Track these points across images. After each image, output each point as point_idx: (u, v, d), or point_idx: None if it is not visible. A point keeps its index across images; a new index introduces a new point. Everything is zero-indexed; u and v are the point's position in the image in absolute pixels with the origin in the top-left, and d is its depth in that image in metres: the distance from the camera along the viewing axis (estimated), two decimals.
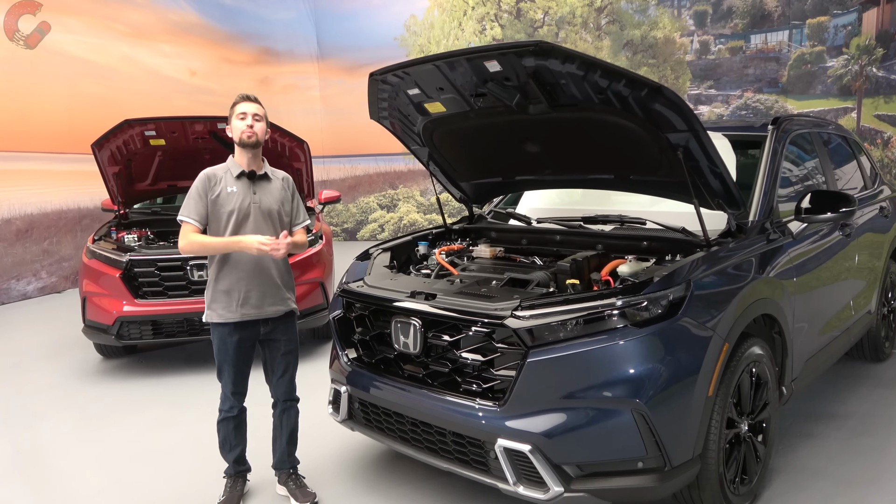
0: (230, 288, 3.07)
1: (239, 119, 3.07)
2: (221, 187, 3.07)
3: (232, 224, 3.06)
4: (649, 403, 2.44)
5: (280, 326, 3.19)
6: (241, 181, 3.10)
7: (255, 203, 3.10)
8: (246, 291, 3.07)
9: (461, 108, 3.25)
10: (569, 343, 2.48)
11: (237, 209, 3.06)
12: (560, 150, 3.39)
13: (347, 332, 3.30)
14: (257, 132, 3.08)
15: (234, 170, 3.11)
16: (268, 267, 3.10)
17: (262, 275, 3.10)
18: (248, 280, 3.07)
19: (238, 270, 3.07)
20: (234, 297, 3.06)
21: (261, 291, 3.09)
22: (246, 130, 3.06)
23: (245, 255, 3.06)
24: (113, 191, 5.84)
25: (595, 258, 3.18)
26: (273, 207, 3.14)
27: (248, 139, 3.06)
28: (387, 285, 3.14)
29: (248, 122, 3.06)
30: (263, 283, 3.10)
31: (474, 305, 2.69)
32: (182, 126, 5.34)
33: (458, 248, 3.85)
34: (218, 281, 3.09)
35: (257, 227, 3.07)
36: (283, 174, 3.28)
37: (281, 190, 3.20)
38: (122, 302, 5.07)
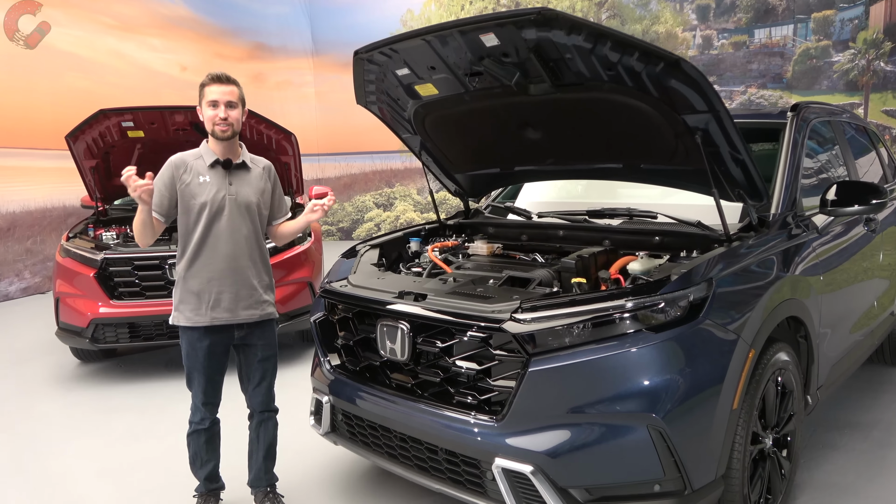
0: (200, 289, 2.77)
1: (209, 107, 2.76)
2: (192, 176, 2.77)
3: (204, 218, 2.75)
4: (667, 418, 2.14)
5: (256, 331, 2.89)
6: (214, 170, 2.80)
7: (231, 196, 2.79)
8: (217, 293, 2.77)
9: (455, 89, 2.95)
10: (575, 350, 2.18)
11: (210, 201, 2.75)
12: (564, 137, 3.09)
13: (330, 337, 3.00)
14: (232, 123, 2.77)
15: (208, 157, 2.81)
16: (243, 266, 2.81)
17: (236, 275, 2.80)
18: (219, 280, 2.77)
19: (209, 269, 2.77)
20: (204, 298, 2.77)
21: (233, 293, 2.79)
22: (219, 123, 2.74)
23: (217, 253, 2.76)
24: (90, 186, 5.54)
25: (602, 255, 2.88)
26: (251, 200, 2.84)
27: (223, 133, 2.75)
28: (373, 285, 2.84)
29: (221, 113, 2.73)
30: (237, 283, 2.80)
31: (468, 307, 2.39)
32: (161, 116, 5.04)
33: (452, 244, 3.55)
34: (186, 280, 2.79)
35: (232, 222, 2.77)
36: (264, 162, 2.97)
37: (260, 180, 2.90)
38: (96, 303, 4.77)
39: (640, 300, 2.21)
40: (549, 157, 3.29)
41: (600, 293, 2.36)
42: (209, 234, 2.75)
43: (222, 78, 2.76)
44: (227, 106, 2.74)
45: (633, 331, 2.19)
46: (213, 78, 2.76)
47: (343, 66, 13.84)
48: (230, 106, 2.75)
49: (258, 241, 2.87)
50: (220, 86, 2.74)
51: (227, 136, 2.75)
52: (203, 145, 2.85)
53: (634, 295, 2.24)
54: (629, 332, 2.19)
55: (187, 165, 2.78)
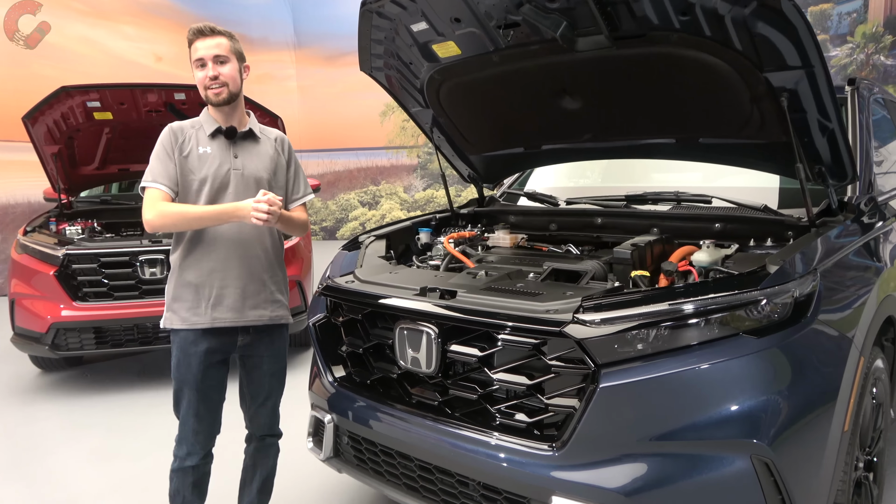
0: (200, 281, 2.27)
1: (197, 68, 2.26)
2: (191, 147, 2.28)
3: (205, 195, 2.27)
4: (775, 445, 1.69)
5: (264, 338, 2.38)
6: (216, 141, 2.31)
7: (237, 169, 2.30)
8: (220, 287, 2.27)
9: (482, 47, 2.48)
10: (658, 360, 1.71)
11: (211, 176, 2.26)
12: (608, 106, 2.63)
13: (333, 343, 2.51)
14: (227, 82, 2.27)
15: (208, 126, 2.32)
16: (252, 256, 2.31)
17: (244, 266, 2.31)
18: (223, 272, 2.28)
19: (212, 257, 2.28)
20: (205, 294, 2.27)
21: (240, 288, 2.29)
22: (210, 85, 2.25)
23: (221, 238, 2.28)
24: (53, 175, 4.97)
25: (658, 244, 2.42)
26: (261, 175, 2.34)
27: (217, 96, 2.26)
28: (386, 280, 2.35)
29: (210, 72, 2.23)
30: (244, 276, 2.30)
31: (515, 306, 1.91)
32: (132, 96, 4.49)
33: (469, 235, 3.07)
34: (183, 271, 2.29)
35: (239, 200, 2.28)
36: (277, 133, 2.48)
37: (273, 154, 2.40)
38: (57, 305, 4.21)
39: (738, 297, 1.75)
40: (586, 132, 2.82)
41: (683, 288, 1.89)
42: None
43: (205, 30, 2.25)
44: (215, 62, 2.24)
45: (729, 335, 1.73)
46: (195, 32, 2.26)
47: (327, 60, 13.32)
48: (220, 61, 2.25)
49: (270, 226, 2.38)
50: (205, 39, 2.24)
51: (224, 100, 2.26)
52: (203, 113, 2.36)
53: (728, 290, 1.78)
54: (725, 336, 1.73)
55: (186, 134, 2.28)
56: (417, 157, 13.42)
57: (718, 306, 1.74)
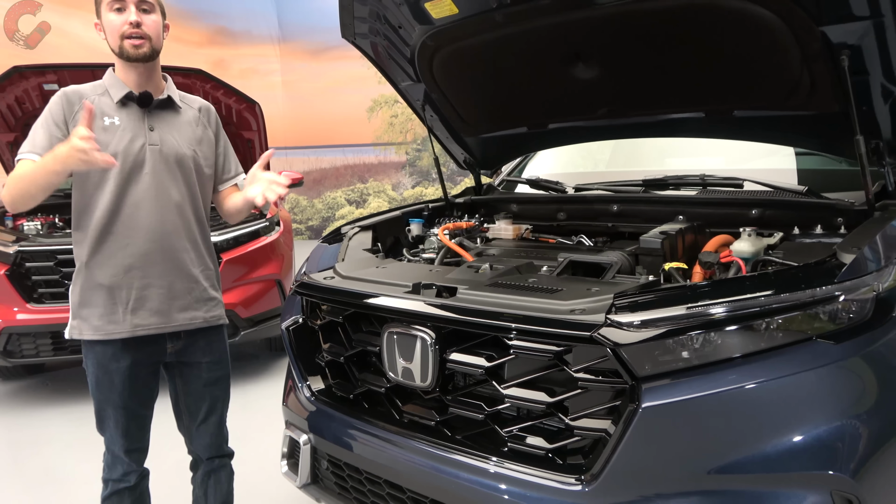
0: (113, 282, 1.89)
1: (113, 11, 1.86)
2: (94, 116, 1.88)
3: (114, 179, 1.88)
4: (859, 477, 1.34)
5: (199, 342, 2.02)
6: (127, 109, 1.92)
7: (154, 145, 1.93)
8: (140, 288, 1.90)
9: (483, 4, 2.12)
10: (712, 374, 1.36)
11: (122, 154, 1.87)
12: (630, 74, 2.27)
13: (310, 351, 2.14)
14: (150, 35, 1.89)
15: (116, 90, 1.93)
16: (177, 248, 1.94)
17: (168, 260, 1.94)
18: (143, 269, 1.90)
19: (129, 252, 1.90)
20: (120, 297, 1.89)
21: (165, 287, 1.92)
22: (129, 33, 1.86)
23: (138, 227, 1.89)
24: (9, 165, 4.55)
25: (689, 233, 2.08)
26: (184, 152, 1.97)
27: (136, 49, 1.87)
28: (372, 276, 1.98)
29: (132, 16, 1.85)
30: (170, 273, 1.93)
31: (531, 305, 1.55)
32: (93, 76, 4.00)
33: (466, 225, 2.72)
34: (92, 270, 1.91)
35: (158, 182, 1.91)
36: (201, 102, 2.11)
37: (197, 126, 2.03)
38: (10, 308, 3.81)
39: (811, 293, 1.40)
40: (601, 107, 2.47)
41: (738, 283, 1.54)
42: (124, 201, 1.89)
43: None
44: (139, 7, 1.86)
45: (800, 341, 1.38)
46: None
47: (312, 54, 12.92)
48: (143, 9, 1.87)
49: (197, 211, 2.02)
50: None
51: (144, 55, 1.88)
52: (108, 75, 1.97)
53: (798, 285, 1.43)
54: (795, 342, 1.38)
55: (86, 100, 1.89)
56: (406, 153, 13.05)
57: (787, 304, 1.39)
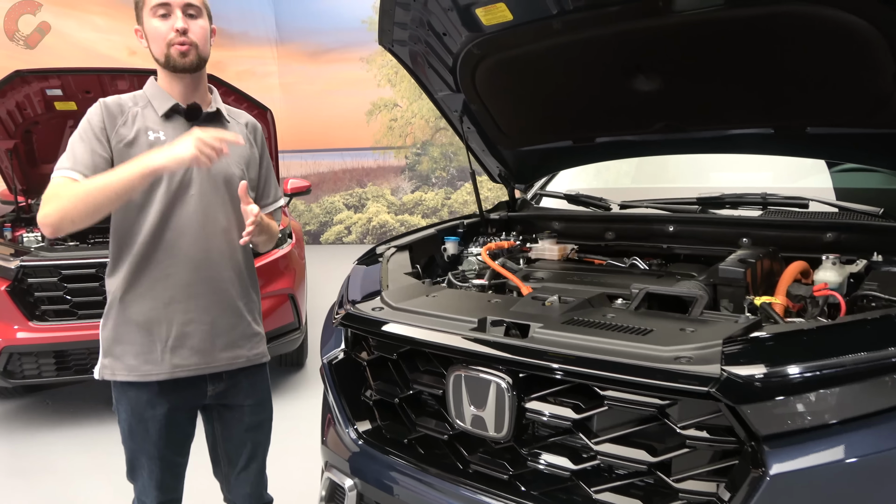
0: (151, 318, 1.71)
1: (156, 17, 1.69)
2: (136, 131, 1.70)
3: (159, 201, 1.70)
4: None
5: (242, 383, 1.84)
6: (172, 123, 1.75)
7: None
8: (182, 324, 1.72)
9: (542, 11, 1.95)
10: (855, 434, 1.19)
11: (167, 174, 1.69)
12: (696, 87, 2.12)
13: (355, 386, 1.96)
14: (196, 42, 1.71)
15: (160, 102, 1.75)
16: (223, 279, 1.77)
17: (213, 293, 1.76)
18: (185, 303, 1.72)
19: (170, 283, 1.71)
20: (159, 334, 1.71)
21: (208, 324, 1.74)
22: (176, 41, 1.68)
23: (181, 257, 1.71)
24: (8, 173, 4.35)
25: (766, 259, 1.92)
26: (232, 172, 1.79)
27: (182, 58, 1.70)
28: (426, 307, 1.81)
29: (178, 23, 1.67)
30: (214, 307, 1.76)
31: (626, 351, 1.38)
32: (99, 83, 3.90)
33: (508, 245, 2.55)
34: (128, 304, 1.72)
35: (205, 207, 1.73)
36: (247, 117, 1.94)
37: (246, 144, 1.85)
38: (10, 326, 3.60)
39: None
40: (658, 121, 2.31)
41: (862, 325, 1.37)
42: (167, 226, 1.70)
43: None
44: (186, 12, 1.69)
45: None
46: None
47: (310, 56, 12.72)
48: (191, 14, 1.70)
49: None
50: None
51: (191, 64, 1.71)
52: (150, 85, 1.79)
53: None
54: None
55: (128, 112, 1.71)
56: (406, 157, 12.87)
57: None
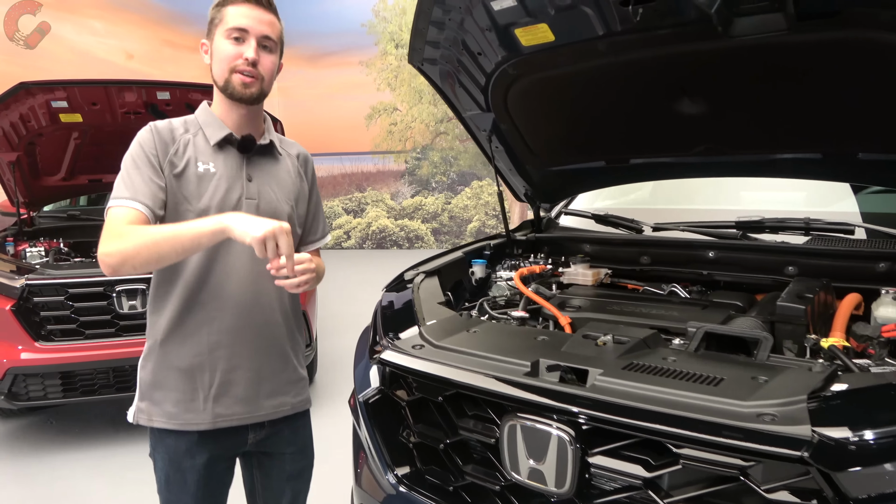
0: (196, 363, 1.61)
1: (229, 39, 1.57)
2: (187, 160, 1.60)
3: None
4: None
5: (285, 431, 1.75)
6: (224, 154, 1.64)
7: (251, 198, 1.64)
8: (227, 371, 1.62)
9: (587, 32, 1.87)
10: None
11: (215, 208, 1.59)
12: (743, 110, 2.04)
13: (391, 425, 1.87)
14: (264, 76, 1.60)
15: (213, 130, 1.64)
16: (273, 321, 1.67)
17: (263, 336, 1.66)
18: (232, 347, 1.62)
19: (216, 327, 1.61)
20: (203, 380, 1.61)
21: (255, 370, 1.65)
22: (241, 67, 1.57)
23: (228, 299, 1.61)
24: (10, 186, 4.24)
25: (822, 292, 1.84)
26: (281, 208, 1.69)
27: (245, 89, 1.58)
28: (470, 345, 1.71)
29: (249, 52, 1.56)
30: (263, 352, 1.66)
31: (701, 405, 1.29)
32: (105, 94, 3.79)
33: (539, 269, 2.47)
34: (170, 348, 1.62)
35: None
36: (298, 148, 1.85)
37: (294, 176, 1.76)
38: (15, 347, 3.49)
39: None
40: (699, 144, 2.23)
41: None
42: (214, 266, 1.61)
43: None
44: (261, 44, 1.58)
45: None
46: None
47: (309, 60, 12.62)
48: (266, 46, 1.59)
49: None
50: (256, 7, 1.57)
51: (251, 96, 1.60)
52: (203, 111, 1.68)
53: None
54: None
55: (179, 141, 1.61)
56: (405, 162, 12.78)
57: None
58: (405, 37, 12.60)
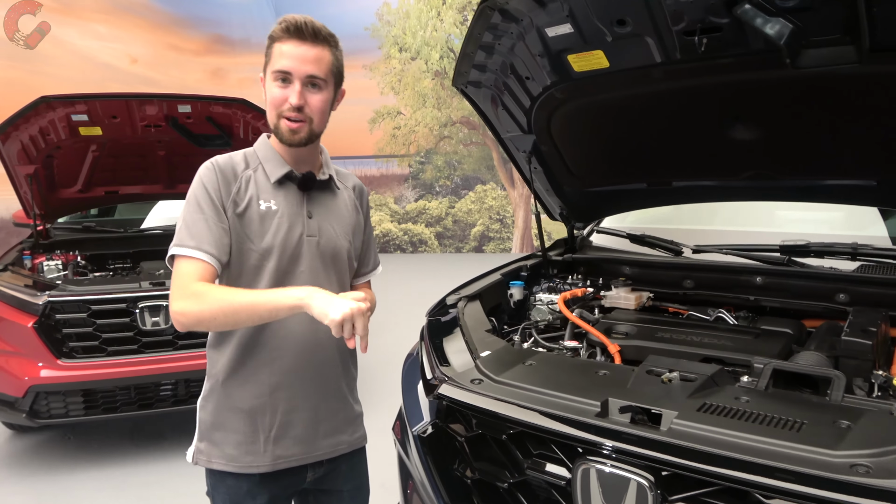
0: (257, 405, 1.58)
1: (277, 82, 1.52)
2: (250, 198, 1.56)
3: (268, 275, 1.56)
4: None
5: (342, 467, 1.72)
6: (284, 190, 1.60)
7: (312, 236, 1.61)
8: (286, 412, 1.59)
9: (645, 59, 1.85)
10: None
11: (279, 247, 1.56)
12: (798, 138, 2.02)
13: (446, 457, 1.84)
14: (312, 117, 1.55)
15: (273, 167, 1.60)
16: (330, 359, 1.64)
17: (320, 376, 1.64)
18: (290, 389, 1.59)
19: (276, 368, 1.58)
20: (263, 423, 1.58)
21: (312, 410, 1.62)
22: (288, 115, 1.52)
23: (288, 339, 1.58)
24: (27, 199, 4.18)
25: (883, 324, 1.81)
26: (341, 245, 1.66)
27: (292, 135, 1.54)
28: (530, 381, 1.68)
29: (293, 98, 1.50)
30: (320, 392, 1.63)
31: (788, 453, 1.27)
32: (126, 108, 3.74)
33: (581, 293, 2.44)
34: (231, 390, 1.58)
35: (314, 281, 1.57)
36: (354, 180, 1.81)
37: (352, 210, 1.73)
38: (36, 364, 3.45)
39: None
40: (748, 169, 2.20)
41: None
42: None
43: (305, 30, 1.51)
44: (305, 84, 1.52)
45: None
46: (288, 28, 1.51)
47: None
48: (313, 84, 1.53)
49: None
50: (302, 44, 1.51)
51: (300, 142, 1.56)
52: (262, 144, 1.64)
53: None
54: None
55: (241, 178, 1.57)
56: (409, 166, 12.76)
57: None
58: (409, 40, 12.57)
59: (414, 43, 12.53)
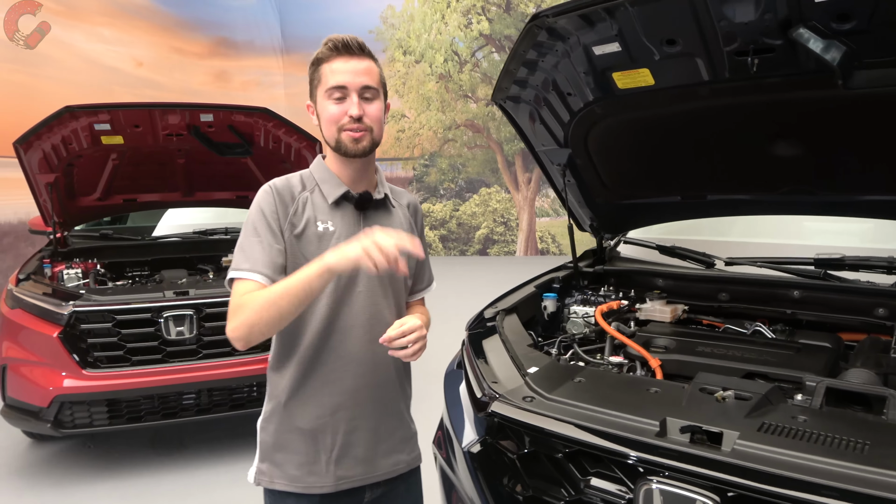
0: (319, 425, 1.58)
1: (331, 99, 1.54)
2: (307, 220, 1.58)
3: (327, 299, 1.57)
4: None
5: (399, 487, 1.73)
6: (341, 211, 1.61)
7: None
8: (347, 432, 1.60)
9: (693, 77, 1.86)
10: None
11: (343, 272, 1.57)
12: (838, 155, 2.03)
13: (496, 473, 1.85)
14: (371, 126, 1.57)
15: (330, 188, 1.61)
16: (388, 378, 1.65)
17: (379, 395, 1.65)
18: (351, 409, 1.60)
19: (337, 388, 1.59)
20: (325, 443, 1.59)
21: (372, 430, 1.62)
22: (350, 127, 1.54)
23: (348, 359, 1.59)
24: (46, 207, 4.18)
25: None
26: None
27: (355, 145, 1.56)
28: (582, 398, 1.69)
29: (353, 110, 1.53)
30: (380, 411, 1.64)
31: (861, 476, 1.28)
32: (149, 117, 3.74)
33: (616, 305, 2.45)
34: (293, 410, 1.59)
35: (372, 304, 1.61)
36: (409, 197, 1.81)
37: (408, 228, 1.74)
38: (61, 374, 3.45)
39: None
40: (786, 184, 2.22)
41: None
42: (335, 326, 1.58)
43: (352, 46, 1.54)
44: (361, 96, 1.55)
45: None
46: (339, 46, 1.54)
47: None
48: (367, 96, 1.56)
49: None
50: (350, 59, 1.54)
51: (364, 150, 1.57)
52: (318, 166, 1.65)
53: None
54: None
55: (298, 200, 1.58)
56: (413, 169, 12.77)
57: None
58: (413, 43, 12.59)
59: (418, 46, 12.56)
